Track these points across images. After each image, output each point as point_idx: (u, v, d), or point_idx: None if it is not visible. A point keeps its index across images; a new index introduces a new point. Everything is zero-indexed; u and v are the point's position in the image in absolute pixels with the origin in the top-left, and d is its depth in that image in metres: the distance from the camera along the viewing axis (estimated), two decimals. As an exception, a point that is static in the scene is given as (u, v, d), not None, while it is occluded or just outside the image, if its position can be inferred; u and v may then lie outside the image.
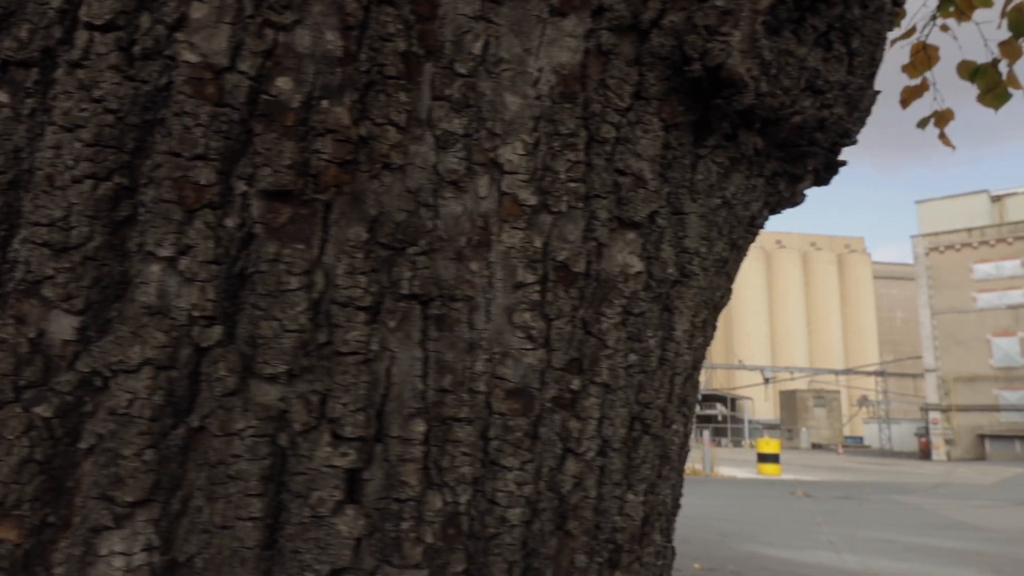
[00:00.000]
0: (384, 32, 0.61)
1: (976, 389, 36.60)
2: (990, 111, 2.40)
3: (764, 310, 76.11)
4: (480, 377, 0.61)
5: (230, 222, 0.57)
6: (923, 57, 2.53)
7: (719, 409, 49.45)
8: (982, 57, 2.50)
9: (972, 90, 2.54)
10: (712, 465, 18.79)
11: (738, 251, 0.80)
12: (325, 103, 0.59)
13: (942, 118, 2.63)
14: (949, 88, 2.88)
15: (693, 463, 20.27)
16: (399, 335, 0.59)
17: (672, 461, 0.75)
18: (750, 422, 49.46)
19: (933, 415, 37.00)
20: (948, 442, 36.31)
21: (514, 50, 0.64)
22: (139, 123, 0.58)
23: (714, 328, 0.84)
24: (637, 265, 0.67)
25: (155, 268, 0.56)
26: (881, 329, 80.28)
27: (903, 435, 46.29)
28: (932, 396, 37.63)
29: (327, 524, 0.56)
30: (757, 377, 56.22)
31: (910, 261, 42.12)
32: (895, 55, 2.85)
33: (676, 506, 0.81)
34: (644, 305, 0.68)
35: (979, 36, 2.46)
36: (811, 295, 77.92)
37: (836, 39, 0.72)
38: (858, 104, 0.76)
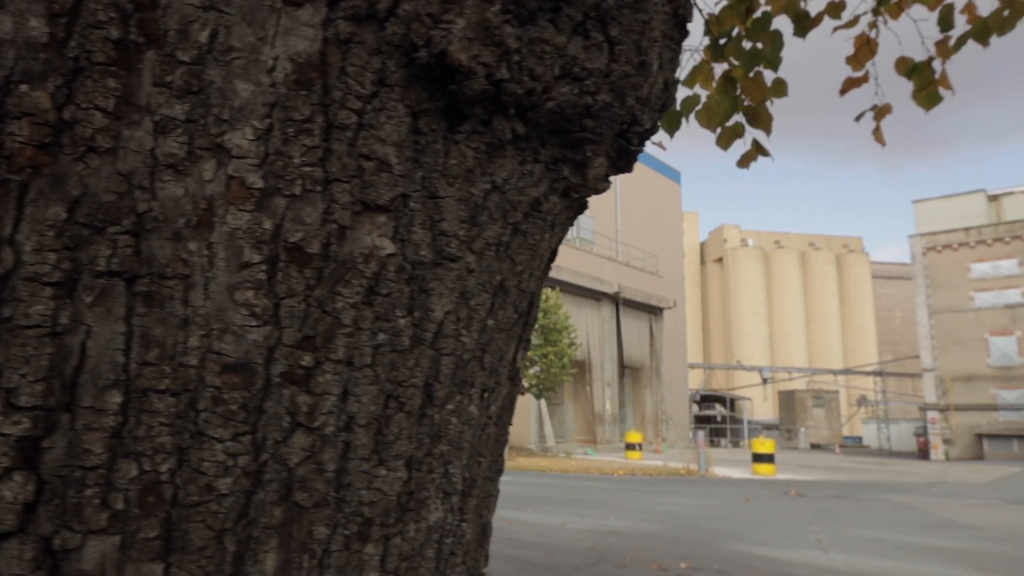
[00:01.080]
0: (94, 20, 0.62)
1: (974, 388, 36.61)
2: (993, 111, 2.42)
3: (763, 311, 76.12)
4: (193, 352, 0.63)
5: None
6: (865, 50, 2.53)
7: (718, 410, 49.43)
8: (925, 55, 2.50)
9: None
10: (707, 465, 18.78)
11: (524, 235, 0.81)
12: (24, 87, 0.60)
13: (880, 112, 2.63)
14: (902, 83, 2.87)
15: (688, 464, 20.26)
16: (98, 310, 0.61)
17: (452, 440, 0.76)
18: (749, 422, 49.43)
19: (931, 415, 36.99)
20: (946, 441, 36.28)
21: (246, 39, 0.66)
22: None
23: (519, 312, 0.85)
24: (389, 247, 0.69)
25: None
26: (880, 329, 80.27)
27: (902, 435, 46.25)
28: (930, 396, 37.65)
29: None
30: (756, 378, 56.21)
31: (909, 261, 42.12)
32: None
33: (473, 486, 0.82)
34: (393, 286, 0.69)
35: (931, 31, 2.46)
36: (810, 295, 77.94)
37: (593, 28, 0.74)
38: (627, 92, 0.78)
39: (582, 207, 0.91)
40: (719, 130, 2.57)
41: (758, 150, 2.62)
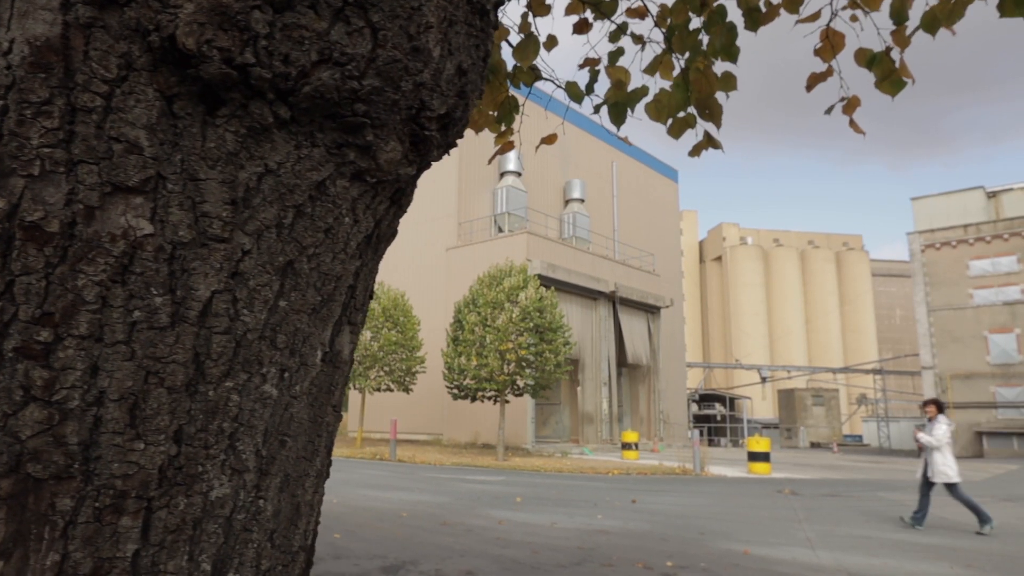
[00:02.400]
0: None
1: (973, 386, 36.57)
2: (1004, 108, 2.41)
3: (762, 309, 76.10)
4: None
5: None
6: (828, 45, 2.51)
7: (717, 409, 49.39)
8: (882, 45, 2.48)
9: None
10: (702, 464, 18.76)
11: (311, 218, 0.81)
12: None
13: (850, 105, 2.62)
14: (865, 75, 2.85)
15: (684, 463, 20.24)
16: None
17: (238, 417, 0.76)
18: (749, 422, 49.40)
19: (930, 412, 36.91)
20: (945, 439, 36.21)
21: None
22: None
23: (325, 295, 0.85)
24: (146, 227, 0.70)
25: None
26: (880, 327, 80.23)
27: (902, 433, 46.21)
28: (930, 393, 37.58)
29: None
30: (755, 376, 56.18)
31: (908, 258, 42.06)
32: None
33: (273, 464, 0.82)
34: (149, 265, 0.70)
35: (886, 23, 2.46)
36: (809, 293, 77.91)
37: (352, 14, 0.75)
38: (400, 77, 0.79)
39: (398, 193, 0.91)
40: (670, 121, 2.56)
41: (709, 141, 2.61)
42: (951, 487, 9.16)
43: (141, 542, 0.69)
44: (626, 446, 23.43)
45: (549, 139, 3.26)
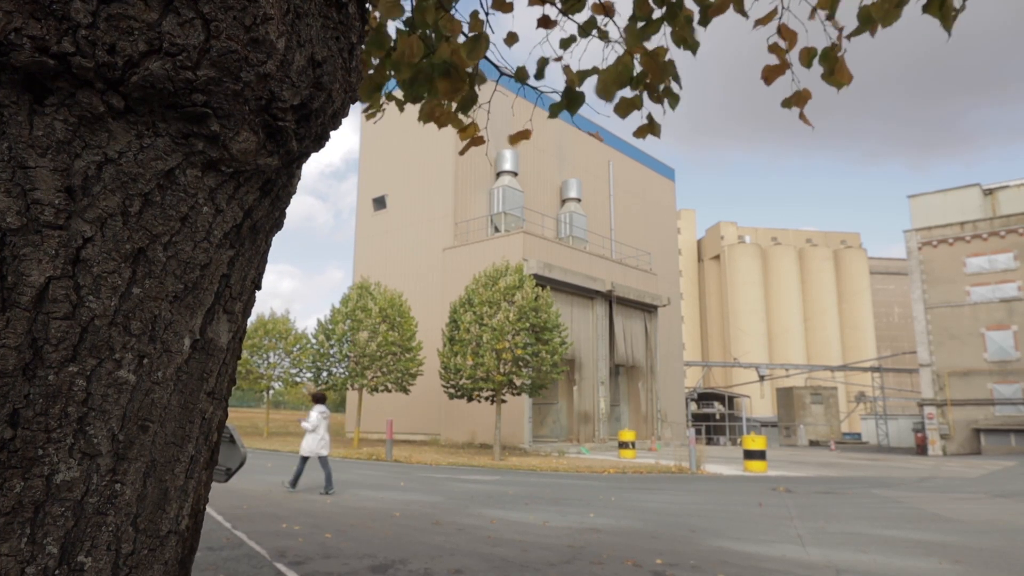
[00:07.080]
0: None
1: (971, 383, 36.59)
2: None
3: (760, 308, 76.08)
4: None
5: None
6: (781, 41, 2.54)
7: (716, 407, 49.39)
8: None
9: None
10: (698, 463, 18.77)
11: (161, 207, 0.82)
12: None
13: (800, 98, 2.65)
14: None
15: (680, 461, 20.25)
16: None
17: (87, 402, 0.77)
18: (748, 420, 49.42)
19: (928, 410, 36.97)
20: (943, 437, 36.28)
21: None
22: None
23: (188, 283, 0.86)
24: None
25: None
26: (879, 325, 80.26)
27: (901, 431, 46.25)
28: (927, 391, 37.62)
29: None
30: (754, 375, 56.17)
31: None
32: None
33: (130, 448, 0.82)
34: None
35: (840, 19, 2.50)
36: (807, 292, 77.89)
37: (182, 5, 0.76)
38: (239, 68, 0.79)
39: (268, 183, 0.91)
40: (617, 99, 2.60)
41: (651, 125, 2.65)
42: (322, 458, 11.84)
43: None
44: (623, 445, 23.43)
45: (524, 134, 3.29)
